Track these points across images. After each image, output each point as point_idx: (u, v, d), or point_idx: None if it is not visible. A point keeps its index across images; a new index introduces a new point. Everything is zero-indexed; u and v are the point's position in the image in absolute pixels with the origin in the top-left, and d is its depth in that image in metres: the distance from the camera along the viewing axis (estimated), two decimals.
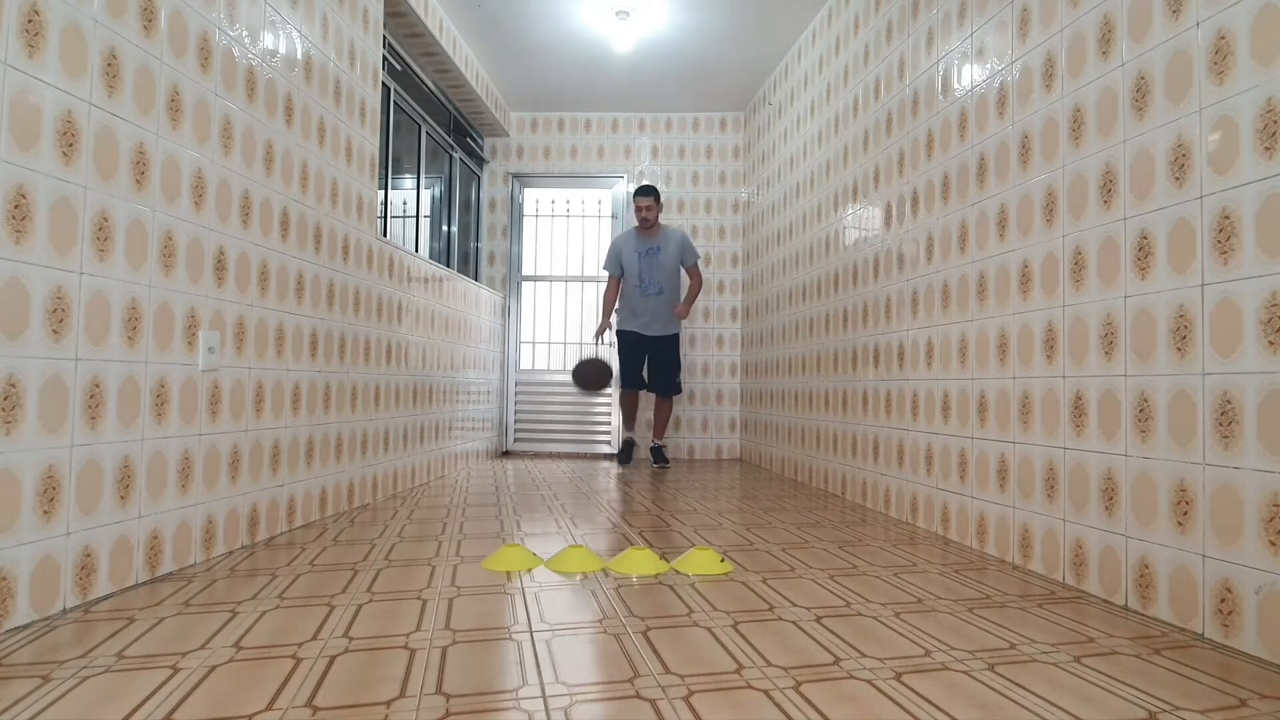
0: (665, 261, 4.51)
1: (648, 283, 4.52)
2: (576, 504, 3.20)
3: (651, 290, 4.51)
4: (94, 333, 1.68)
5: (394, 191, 4.15)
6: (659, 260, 4.50)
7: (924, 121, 2.82)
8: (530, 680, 1.27)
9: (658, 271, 4.51)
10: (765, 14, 4.06)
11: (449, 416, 4.23)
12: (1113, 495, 1.81)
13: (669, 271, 4.53)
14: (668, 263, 4.52)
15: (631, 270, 4.53)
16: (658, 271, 4.51)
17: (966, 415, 2.45)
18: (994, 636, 1.53)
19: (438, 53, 4.15)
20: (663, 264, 4.51)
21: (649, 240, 4.53)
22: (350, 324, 2.93)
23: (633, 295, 4.56)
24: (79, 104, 1.64)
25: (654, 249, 4.50)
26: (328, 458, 2.75)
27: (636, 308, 4.56)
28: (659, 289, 4.52)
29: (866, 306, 3.29)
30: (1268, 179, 1.45)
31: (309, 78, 2.62)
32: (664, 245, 4.50)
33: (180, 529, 1.96)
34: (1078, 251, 1.96)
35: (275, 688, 1.22)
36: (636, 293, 4.54)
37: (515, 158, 5.59)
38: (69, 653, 1.36)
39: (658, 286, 4.51)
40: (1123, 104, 1.82)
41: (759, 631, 1.54)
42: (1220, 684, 1.30)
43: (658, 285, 4.51)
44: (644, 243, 4.54)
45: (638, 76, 4.88)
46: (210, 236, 2.08)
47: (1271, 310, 1.43)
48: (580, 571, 2.00)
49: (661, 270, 4.51)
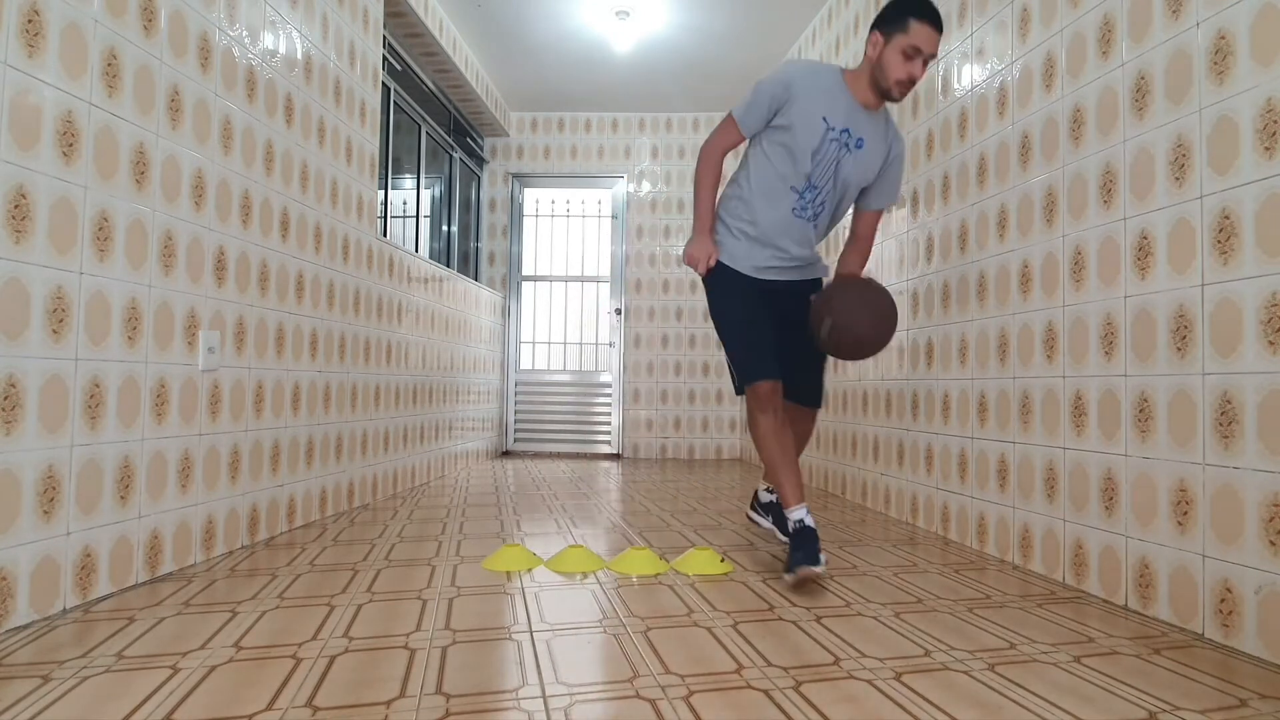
0: (861, 166, 2.11)
1: (814, 191, 2.11)
2: (576, 504, 3.20)
3: (807, 211, 2.13)
4: (94, 333, 1.68)
5: (394, 191, 4.15)
6: (856, 160, 2.09)
7: (924, 121, 2.82)
8: (530, 680, 1.27)
9: (838, 179, 2.10)
10: (765, 14, 4.06)
11: (449, 416, 4.23)
12: (1113, 495, 1.81)
13: (851, 186, 2.14)
14: (861, 171, 2.12)
15: (801, 151, 2.06)
16: (838, 179, 2.10)
17: (966, 415, 2.45)
18: (994, 636, 1.53)
19: (438, 53, 4.15)
20: (854, 170, 2.10)
21: (862, 116, 2.07)
22: (350, 324, 2.93)
23: (772, 203, 2.13)
24: (79, 104, 1.64)
25: (858, 140, 2.07)
26: (328, 458, 2.75)
27: (774, 227, 2.14)
28: (817, 211, 2.14)
29: None
30: (1268, 179, 1.45)
31: (309, 78, 2.62)
32: (873, 140, 2.10)
33: (180, 529, 1.96)
34: (1078, 251, 1.96)
35: (275, 688, 1.22)
36: (784, 200, 2.11)
37: (515, 158, 5.59)
38: (69, 653, 1.36)
39: (818, 206, 2.13)
40: (1123, 104, 1.82)
41: (759, 631, 1.54)
42: (1220, 684, 1.30)
43: (820, 204, 2.13)
44: (855, 115, 2.07)
45: (638, 76, 4.88)
46: (210, 236, 2.08)
47: (1271, 310, 1.43)
48: (580, 571, 2.00)
49: (845, 179, 2.11)
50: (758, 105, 2.07)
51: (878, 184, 2.17)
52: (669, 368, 5.41)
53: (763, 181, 2.13)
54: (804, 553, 1.89)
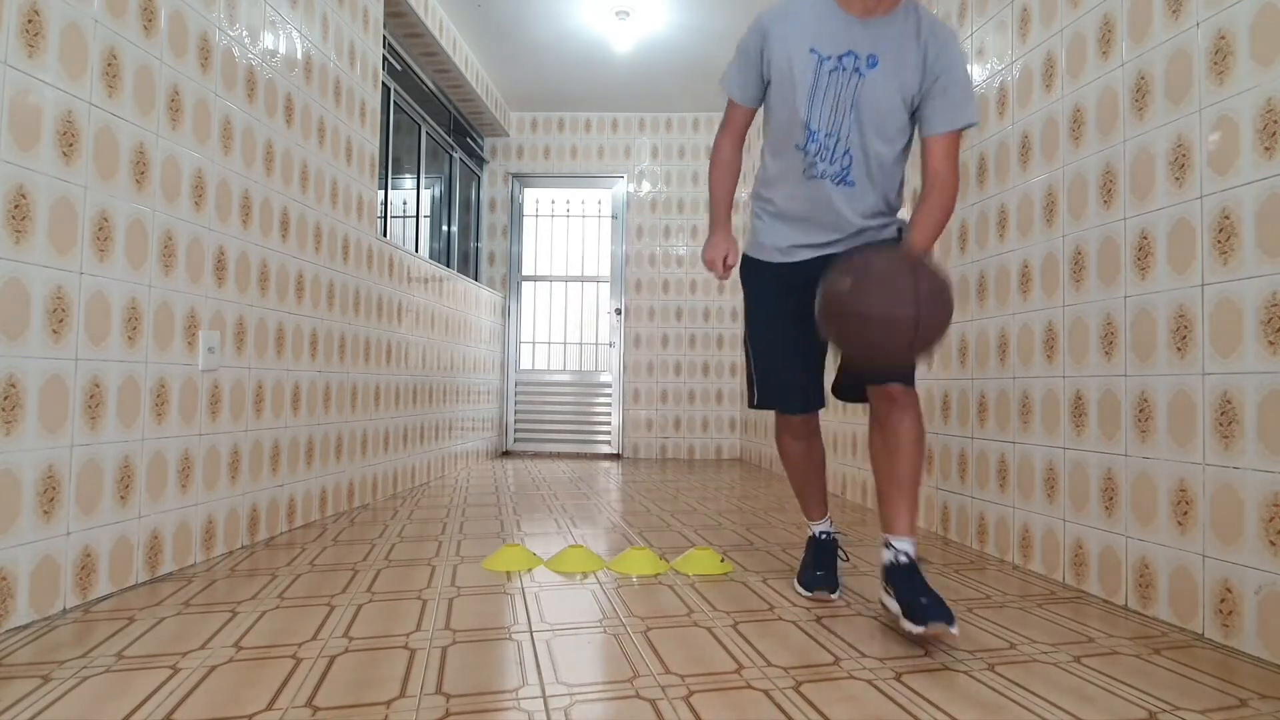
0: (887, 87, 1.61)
1: (825, 142, 1.65)
2: (576, 504, 3.20)
3: (829, 167, 1.67)
4: (94, 333, 1.68)
5: (394, 191, 4.15)
6: (877, 82, 1.61)
7: None
8: (530, 680, 1.27)
9: (860, 115, 1.63)
10: None
11: (449, 416, 4.23)
12: (1113, 495, 1.81)
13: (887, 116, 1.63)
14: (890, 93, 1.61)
15: (798, 97, 1.64)
16: (860, 115, 1.63)
17: (966, 415, 2.45)
18: (994, 636, 1.53)
19: (438, 53, 4.15)
20: (880, 95, 1.61)
21: (861, 28, 1.61)
22: (350, 324, 2.93)
23: (783, 171, 1.75)
24: (79, 104, 1.64)
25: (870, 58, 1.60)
26: (328, 458, 2.75)
27: (792, 199, 1.76)
28: (845, 168, 1.67)
29: None
30: (1268, 179, 1.45)
31: (309, 78, 2.62)
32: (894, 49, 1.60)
33: (180, 529, 1.96)
34: (1078, 251, 1.96)
35: (275, 688, 1.22)
36: (799, 170, 1.70)
37: (515, 158, 5.59)
38: (69, 653, 1.36)
39: (843, 159, 1.66)
40: (1123, 104, 1.82)
41: (759, 631, 1.54)
42: (1220, 684, 1.30)
43: (846, 157, 1.66)
44: (855, 30, 1.61)
45: (638, 76, 4.88)
46: (210, 236, 2.08)
47: (1271, 310, 1.43)
48: (580, 571, 2.00)
49: (874, 110, 1.62)
50: (740, 63, 1.74)
51: (931, 99, 1.60)
52: (669, 368, 5.41)
53: (772, 146, 1.76)
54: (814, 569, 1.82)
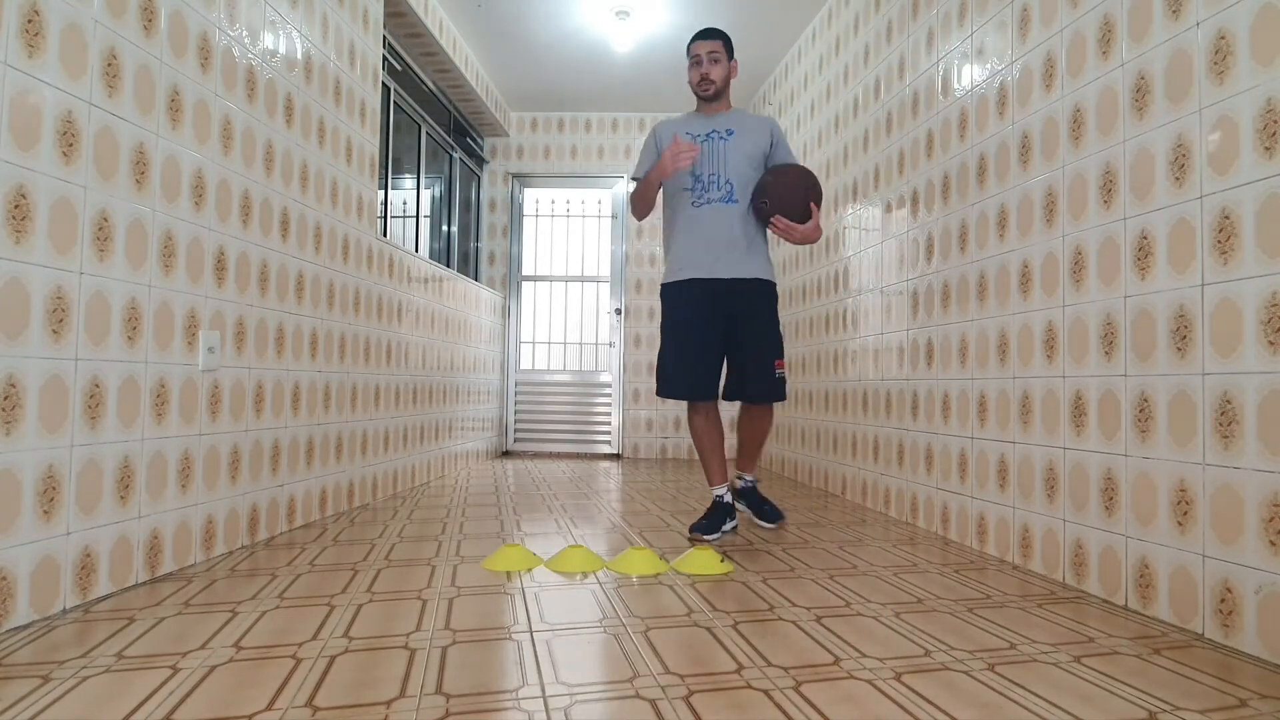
0: (741, 151, 2.52)
1: (709, 181, 2.51)
2: (576, 504, 3.20)
3: (715, 195, 2.50)
4: (94, 333, 1.68)
5: (394, 191, 4.15)
6: (731, 147, 2.52)
7: (924, 121, 2.81)
8: (530, 680, 1.27)
9: (728, 162, 2.51)
10: (765, 14, 4.06)
11: (449, 416, 4.23)
12: (1113, 495, 1.81)
13: (747, 168, 2.52)
14: (745, 154, 2.52)
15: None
16: (728, 162, 2.51)
17: (966, 415, 2.45)
18: (994, 636, 1.53)
19: (438, 53, 4.15)
20: (736, 156, 2.51)
21: (713, 120, 2.57)
22: (350, 324, 2.93)
23: (685, 215, 2.55)
24: (79, 104, 1.64)
25: (721, 133, 2.54)
26: (328, 458, 2.75)
27: (694, 234, 2.53)
28: (729, 192, 2.50)
29: (867, 306, 3.29)
30: (1268, 179, 1.45)
31: (309, 78, 2.62)
32: (739, 129, 2.55)
33: (180, 529, 1.96)
34: (1078, 251, 1.96)
35: (275, 688, 1.22)
36: (689, 205, 2.54)
37: (515, 158, 5.59)
38: (69, 653, 1.36)
39: (727, 188, 2.50)
40: (1123, 104, 1.82)
41: (759, 631, 1.54)
42: (1220, 684, 1.30)
43: (727, 185, 2.50)
44: (705, 123, 2.57)
45: (638, 76, 4.88)
46: (210, 236, 2.08)
47: (1271, 310, 1.43)
48: (580, 571, 2.00)
49: (734, 164, 2.51)
50: (645, 155, 2.63)
51: (775, 154, 2.59)
52: None
53: (669, 200, 2.64)
54: (708, 522, 2.50)
